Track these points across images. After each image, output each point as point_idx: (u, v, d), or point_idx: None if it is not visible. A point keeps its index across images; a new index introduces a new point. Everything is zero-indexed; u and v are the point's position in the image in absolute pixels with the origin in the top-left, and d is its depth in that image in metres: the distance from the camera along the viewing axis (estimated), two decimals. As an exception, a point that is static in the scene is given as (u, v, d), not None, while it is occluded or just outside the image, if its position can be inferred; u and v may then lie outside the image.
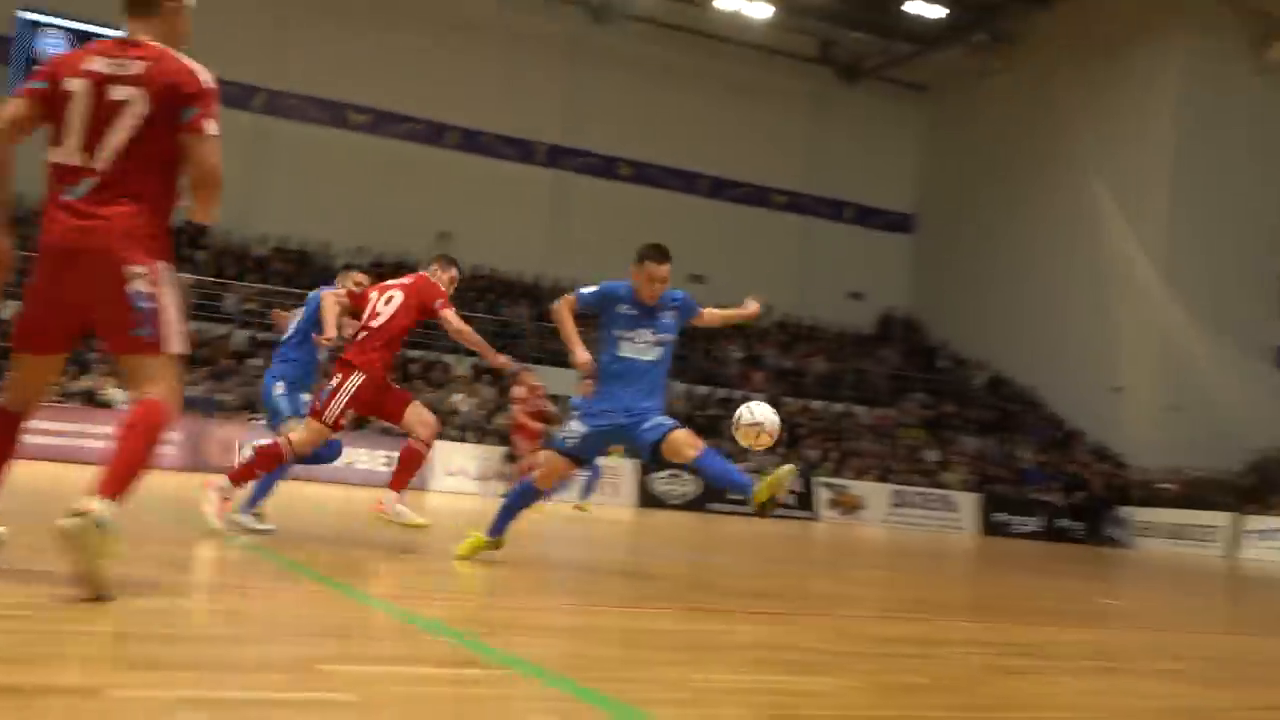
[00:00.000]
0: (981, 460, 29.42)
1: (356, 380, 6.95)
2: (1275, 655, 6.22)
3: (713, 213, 34.39)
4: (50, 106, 4.08)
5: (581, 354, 6.50)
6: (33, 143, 4.18)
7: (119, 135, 4.02)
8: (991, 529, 26.07)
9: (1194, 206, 28.93)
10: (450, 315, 7.18)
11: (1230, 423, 26.92)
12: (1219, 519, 25.16)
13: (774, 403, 29.91)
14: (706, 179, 34.71)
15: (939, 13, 30.90)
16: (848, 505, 25.45)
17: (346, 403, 6.94)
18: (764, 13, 30.64)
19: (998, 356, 33.52)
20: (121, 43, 4.15)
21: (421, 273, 7.53)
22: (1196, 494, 26.89)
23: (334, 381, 7.02)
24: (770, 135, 34.99)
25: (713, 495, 23.42)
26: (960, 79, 35.08)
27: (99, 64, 4.08)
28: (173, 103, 4.04)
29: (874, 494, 26.15)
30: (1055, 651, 5.19)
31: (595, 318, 6.66)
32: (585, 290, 6.67)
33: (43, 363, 4.20)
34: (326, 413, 6.95)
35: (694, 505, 23.55)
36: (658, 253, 6.58)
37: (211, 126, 4.09)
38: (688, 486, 23.86)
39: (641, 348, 6.50)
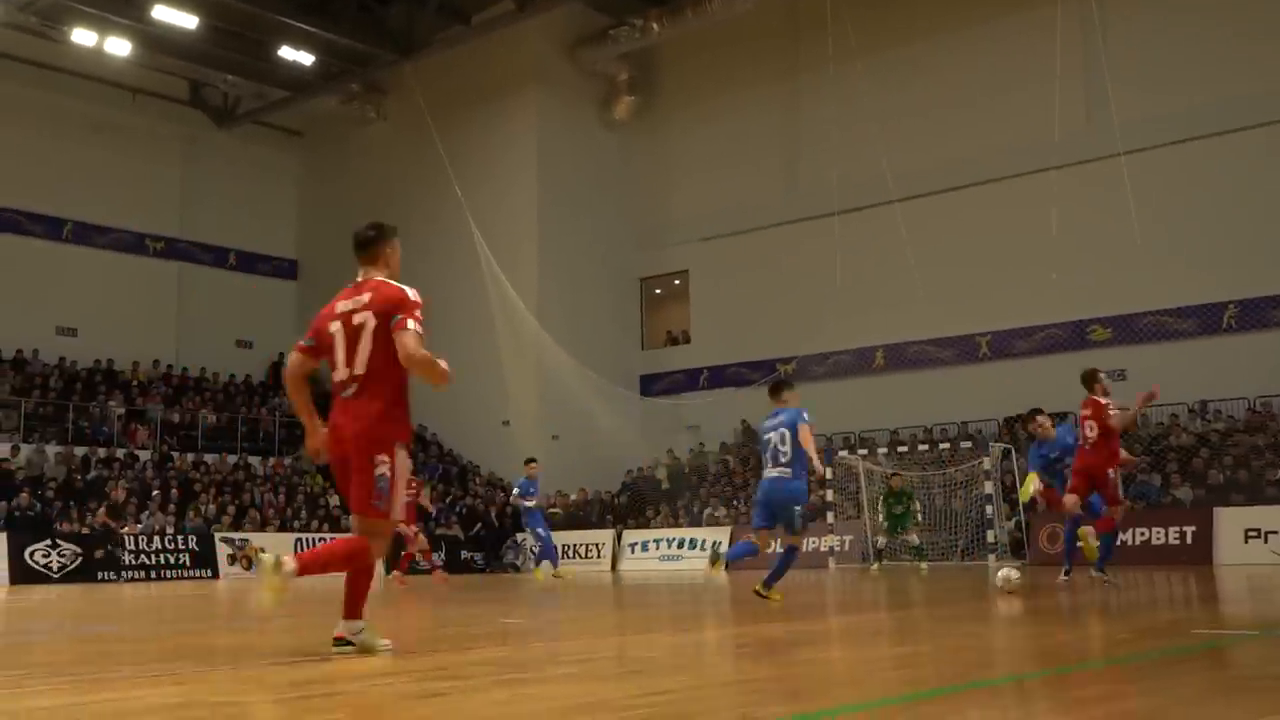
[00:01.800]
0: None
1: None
2: (651, 650, 6.84)
3: (81, 260, 31.97)
4: (320, 350, 6.19)
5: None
6: None
7: (364, 348, 5.95)
8: (397, 568, 26.31)
9: (560, 251, 31.38)
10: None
11: (606, 448, 29.30)
12: (602, 536, 27.33)
13: (164, 458, 27.95)
14: (73, 225, 32.17)
15: (310, 60, 30.99)
16: (249, 559, 24.60)
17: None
18: (124, 50, 28.96)
19: (391, 398, 34.08)
20: (357, 285, 6.18)
21: None
22: (582, 515, 29.03)
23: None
24: (142, 179, 33.23)
25: (102, 564, 21.71)
26: (337, 126, 35.48)
27: (344, 304, 6.12)
28: (389, 312, 5.89)
29: (277, 545, 25.45)
30: (468, 671, 5.36)
31: None
32: None
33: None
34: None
35: (76, 576, 21.71)
36: None
37: (411, 324, 5.89)
38: (66, 558, 21.92)
39: None
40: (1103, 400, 11.70)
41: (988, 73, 26.69)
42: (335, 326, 6.00)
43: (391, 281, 6.07)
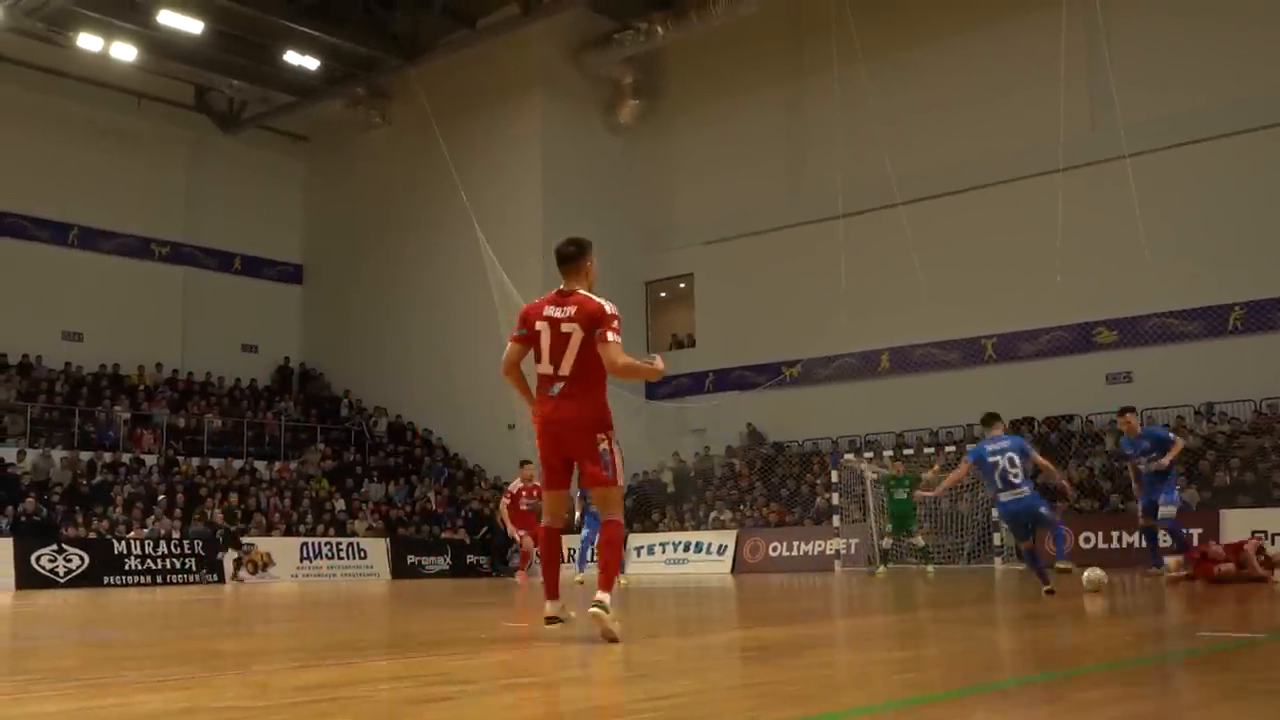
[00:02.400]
0: (389, 505, 29.75)
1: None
2: (657, 654, 6.84)
3: (87, 266, 32.07)
4: (529, 343, 7.00)
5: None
6: None
7: (571, 354, 6.82)
8: (403, 572, 26.42)
9: (565, 253, 31.36)
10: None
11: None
12: (607, 539, 27.28)
13: (170, 463, 28.01)
14: (78, 229, 32.25)
15: (315, 64, 31.05)
16: (256, 564, 24.63)
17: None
18: (129, 55, 29.02)
19: (397, 402, 34.16)
20: (561, 293, 7.12)
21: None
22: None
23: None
24: (148, 184, 33.33)
25: (108, 568, 21.78)
26: (342, 130, 35.54)
27: (551, 310, 7.03)
28: (591, 326, 6.80)
29: (282, 550, 25.54)
30: (472, 676, 5.36)
31: None
32: None
33: (558, 496, 7.17)
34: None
35: (82, 581, 21.74)
36: None
37: (611, 336, 6.75)
38: (72, 563, 21.97)
39: None
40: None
41: (992, 75, 26.68)
42: (542, 326, 6.92)
43: (593, 296, 7.00)
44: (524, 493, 18.07)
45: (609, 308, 6.85)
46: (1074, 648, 6.29)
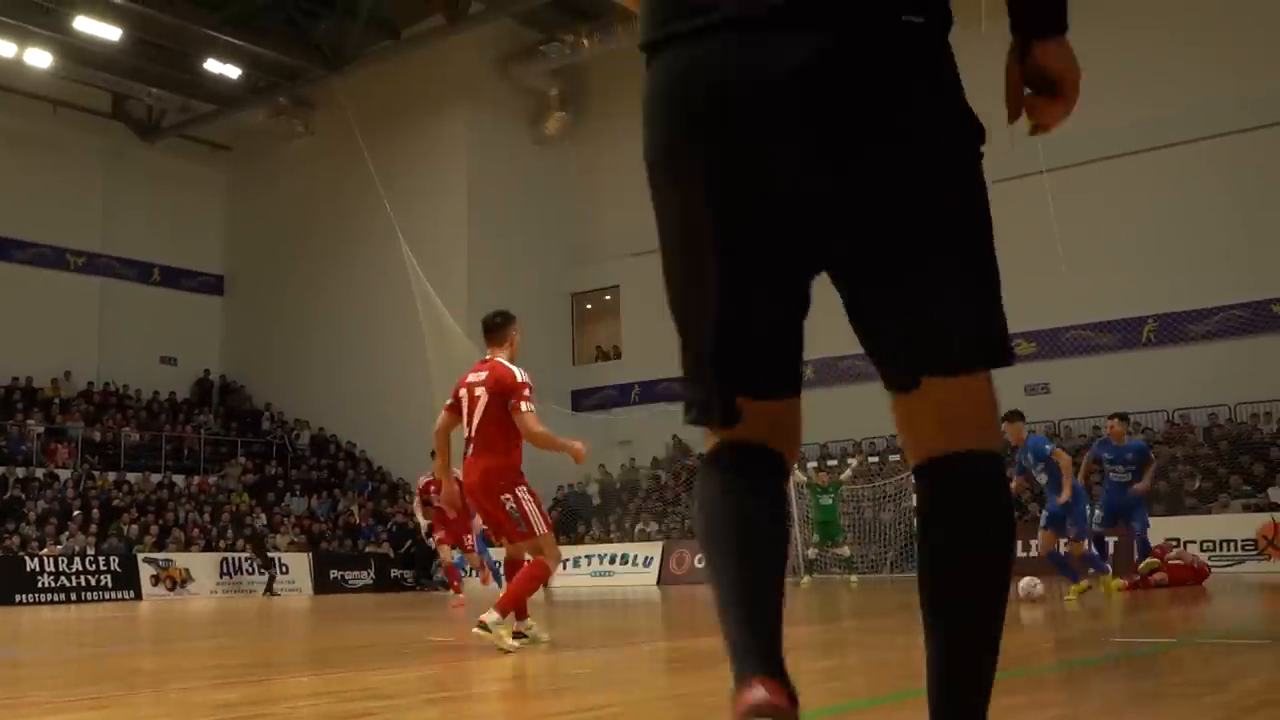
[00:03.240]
0: (310, 520, 29.38)
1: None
2: (582, 666, 6.83)
3: (-1, 276, 31.36)
4: (457, 412, 7.50)
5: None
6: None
7: (476, 416, 7.29)
8: (325, 587, 26.09)
9: (490, 266, 31.28)
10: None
11: (537, 463, 29.10)
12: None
13: (86, 477, 27.48)
14: (-12, 239, 31.54)
15: (236, 73, 30.65)
16: (173, 580, 24.19)
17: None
18: (44, 61, 28.44)
19: (320, 415, 33.76)
20: (483, 361, 7.60)
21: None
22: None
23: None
24: (63, 193, 32.63)
25: (19, 586, 21.23)
26: (264, 140, 35.11)
27: (472, 377, 7.49)
28: (502, 393, 7.23)
29: (201, 565, 25.10)
30: (395, 690, 5.31)
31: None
32: None
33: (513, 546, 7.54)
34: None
35: (-7, 602, 21.21)
36: None
37: (525, 406, 7.23)
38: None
39: None
40: None
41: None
42: (464, 393, 7.44)
43: (508, 365, 7.42)
44: (432, 486, 16.50)
45: (520, 376, 7.29)
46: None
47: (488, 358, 7.61)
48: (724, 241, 1.94)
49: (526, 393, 7.23)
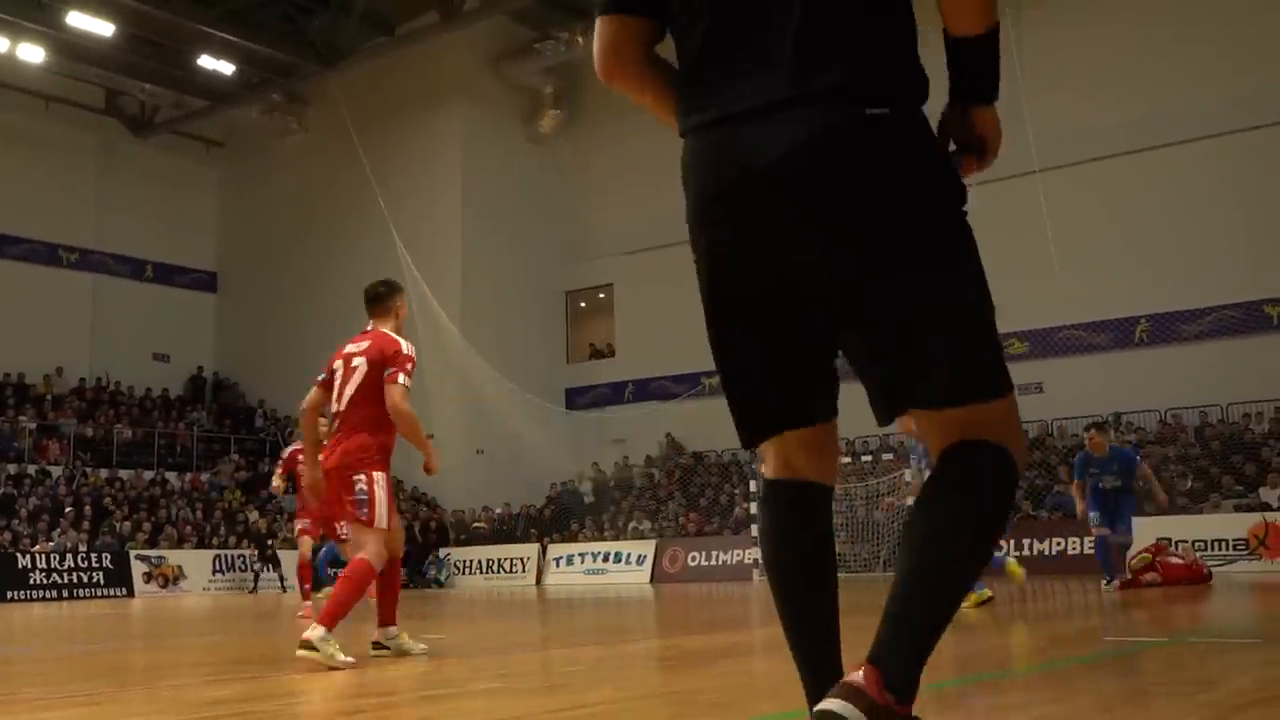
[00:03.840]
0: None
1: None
2: (575, 664, 6.84)
3: (-9, 272, 31.29)
4: (329, 387, 6.80)
5: None
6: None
7: (350, 387, 6.58)
8: (318, 583, 25.99)
9: (484, 264, 31.28)
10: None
11: (531, 462, 29.18)
12: (527, 550, 27.22)
13: (78, 474, 27.50)
14: (-19, 235, 31.47)
15: (230, 69, 30.60)
16: (166, 577, 24.16)
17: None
18: (37, 57, 28.37)
19: (313, 412, 33.67)
20: (365, 332, 6.85)
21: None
22: (506, 529, 28.90)
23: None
24: (56, 189, 32.56)
25: (11, 582, 21.19)
26: (258, 137, 35.06)
27: (350, 348, 6.78)
28: (381, 363, 6.53)
29: (193, 562, 25.07)
30: (386, 688, 5.31)
31: None
32: None
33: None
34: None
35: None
36: None
37: (402, 379, 6.52)
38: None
39: None
40: None
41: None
42: (339, 365, 6.74)
43: (394, 336, 6.78)
44: (300, 455, 12.27)
45: (406, 348, 6.69)
46: (985, 653, 6.39)
47: (369, 329, 6.89)
48: (735, 301, 2.32)
49: (409, 367, 6.59)
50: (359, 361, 6.61)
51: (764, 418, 2.42)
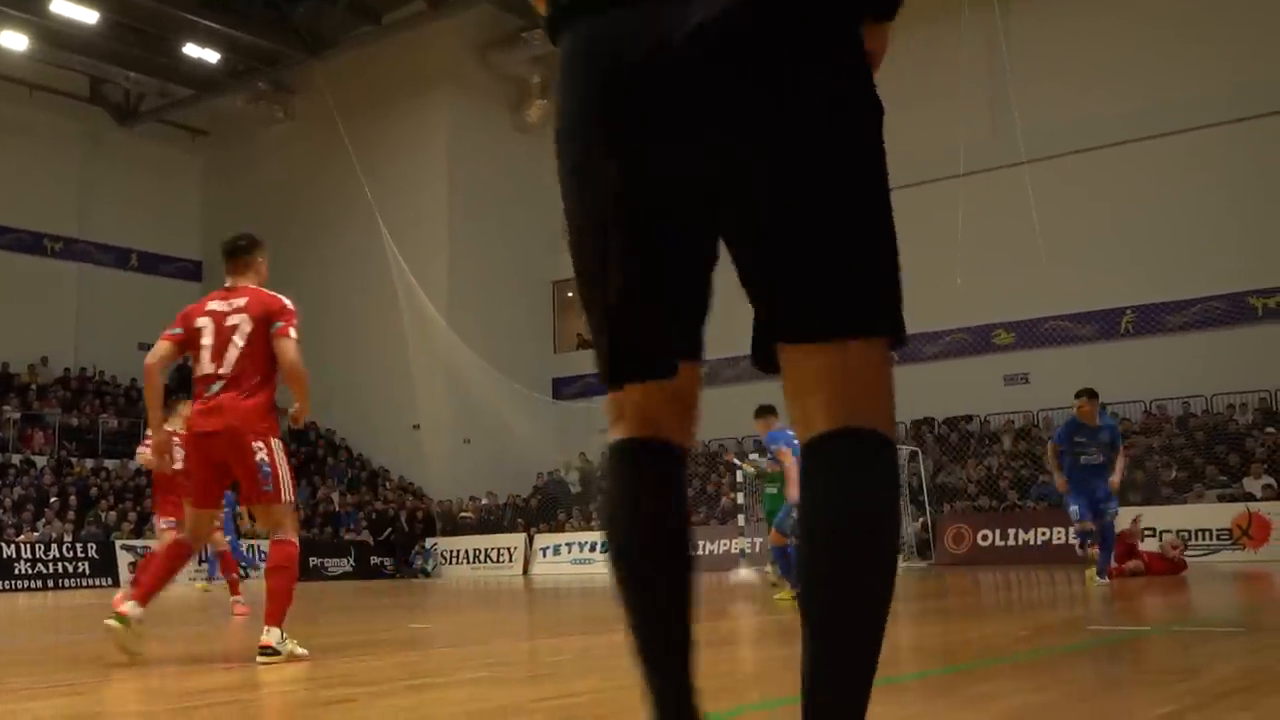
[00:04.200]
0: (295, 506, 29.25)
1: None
2: (561, 653, 6.85)
3: (-26, 262, 31.13)
4: (183, 344, 6.21)
5: None
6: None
7: (235, 349, 6.03)
8: (304, 574, 25.98)
9: (471, 253, 31.25)
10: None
11: (518, 451, 29.16)
12: (514, 540, 27.22)
13: (63, 463, 27.37)
14: (-36, 225, 31.28)
15: (215, 58, 30.47)
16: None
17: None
18: (20, 44, 28.20)
19: (299, 401, 33.60)
20: (228, 289, 6.36)
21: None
22: (493, 519, 28.90)
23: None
24: (40, 177, 32.37)
25: (-8, 574, 21.08)
26: (243, 125, 34.91)
27: (216, 304, 6.26)
28: (267, 319, 6.09)
29: (179, 552, 24.98)
30: (372, 678, 5.30)
31: None
32: None
33: (205, 515, 6.34)
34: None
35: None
36: None
37: (293, 333, 6.13)
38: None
39: None
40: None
41: (895, 81, 26.82)
42: (204, 322, 6.13)
43: (267, 290, 6.34)
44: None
45: (288, 303, 6.27)
46: (970, 642, 6.42)
47: (232, 285, 6.37)
48: (624, 213, 1.95)
49: (296, 321, 6.20)
50: (239, 319, 6.09)
51: (646, 349, 2.04)
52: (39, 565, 22.66)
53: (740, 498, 23.26)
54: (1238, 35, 23.65)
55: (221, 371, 6.03)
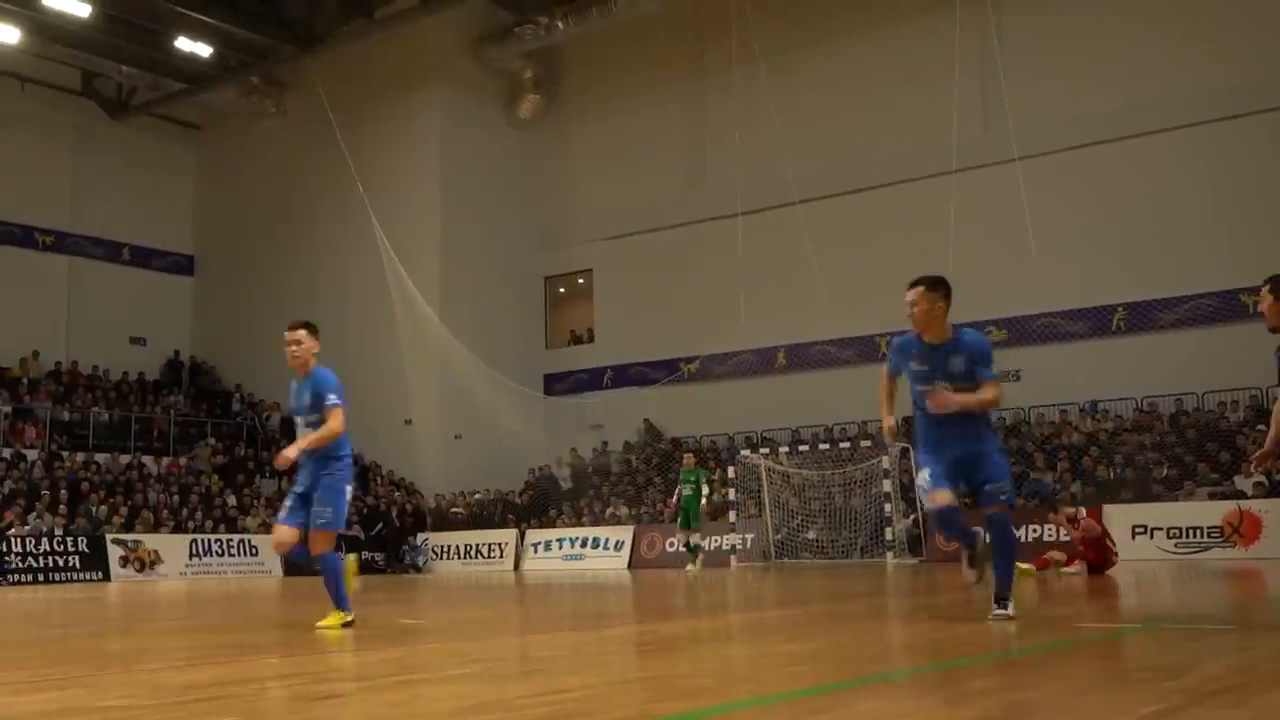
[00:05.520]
0: (280, 501, 29.20)
1: None
2: (553, 649, 6.84)
3: (-35, 255, 31.03)
4: None
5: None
6: None
7: None
8: (295, 569, 25.97)
9: (463, 248, 31.20)
10: None
11: (509, 447, 29.11)
12: (505, 536, 27.21)
13: (53, 457, 27.33)
14: (-44, 217, 31.16)
15: (207, 51, 30.39)
16: (142, 561, 24.06)
17: None
18: (13, 37, 28.08)
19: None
20: None
21: None
22: (484, 515, 28.88)
23: None
24: (32, 171, 32.27)
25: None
26: (235, 119, 34.83)
27: None
28: None
29: (170, 546, 24.97)
30: (362, 673, 5.30)
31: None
32: None
33: None
34: None
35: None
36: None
37: None
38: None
39: None
40: None
41: (888, 77, 27.09)
42: None
43: None
44: None
45: None
46: (960, 639, 6.43)
47: None
48: None
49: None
50: None
51: None
52: (30, 559, 22.61)
53: (732, 494, 23.30)
54: (1231, 32, 23.68)
55: None
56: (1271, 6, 23.26)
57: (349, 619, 7.65)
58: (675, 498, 21.03)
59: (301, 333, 7.90)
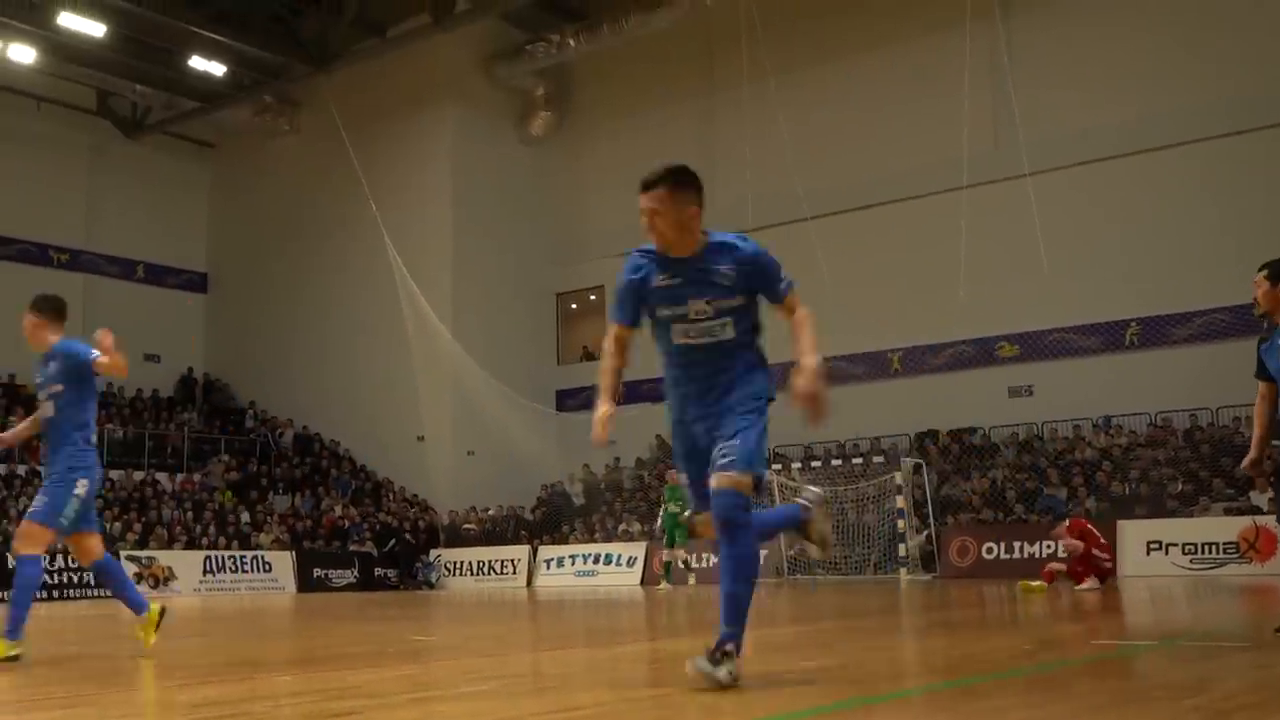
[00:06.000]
0: (294, 518, 29.28)
1: None
2: (566, 666, 6.83)
3: (-19, 273, 31.17)
4: None
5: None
6: None
7: None
8: (310, 585, 26.01)
9: (475, 265, 31.27)
10: None
11: (521, 463, 29.13)
12: (518, 552, 27.19)
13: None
14: (-29, 236, 31.33)
15: (221, 70, 30.57)
16: (156, 577, 24.10)
17: None
18: (28, 57, 28.28)
19: (304, 413, 33.65)
20: None
21: None
22: (497, 531, 28.87)
23: None
24: (47, 189, 32.48)
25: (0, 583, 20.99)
26: (249, 138, 35.02)
27: None
28: None
29: (184, 563, 25.02)
30: (376, 690, 5.30)
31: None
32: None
33: None
34: None
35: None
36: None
37: None
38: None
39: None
40: None
41: (898, 93, 27.11)
42: None
43: None
44: None
45: None
46: (974, 656, 6.40)
47: None
48: None
49: None
50: None
51: None
52: (44, 576, 22.65)
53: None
54: (1240, 48, 23.66)
55: None
56: (1283, 21, 23.23)
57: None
58: (659, 520, 21.13)
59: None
